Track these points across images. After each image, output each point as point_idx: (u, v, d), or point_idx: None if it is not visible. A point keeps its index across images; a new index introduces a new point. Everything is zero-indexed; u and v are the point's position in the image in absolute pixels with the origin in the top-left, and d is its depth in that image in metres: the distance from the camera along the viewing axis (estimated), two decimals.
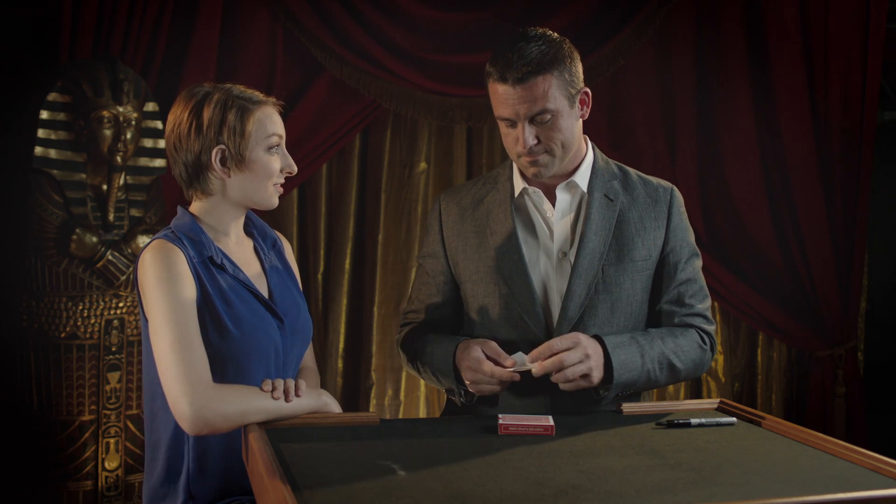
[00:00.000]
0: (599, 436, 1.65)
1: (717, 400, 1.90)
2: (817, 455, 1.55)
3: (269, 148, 1.79)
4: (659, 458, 1.51)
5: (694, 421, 1.74)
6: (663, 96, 3.88)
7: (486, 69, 1.85)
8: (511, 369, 1.79)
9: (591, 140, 2.02)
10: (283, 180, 1.84)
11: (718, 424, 1.74)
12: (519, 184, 1.97)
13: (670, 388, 3.94)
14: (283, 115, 1.85)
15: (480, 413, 1.97)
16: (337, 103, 3.63)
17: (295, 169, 1.85)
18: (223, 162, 1.77)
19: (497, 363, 1.81)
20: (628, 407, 1.83)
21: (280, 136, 1.82)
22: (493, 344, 1.83)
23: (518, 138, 1.85)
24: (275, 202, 1.84)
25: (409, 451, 1.53)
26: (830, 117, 3.82)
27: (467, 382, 1.86)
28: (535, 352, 1.79)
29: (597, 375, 1.80)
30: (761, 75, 3.86)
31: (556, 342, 1.78)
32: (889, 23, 3.83)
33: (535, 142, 1.84)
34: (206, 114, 1.76)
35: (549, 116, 1.82)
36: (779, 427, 1.71)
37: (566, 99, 1.84)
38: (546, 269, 1.93)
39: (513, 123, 1.85)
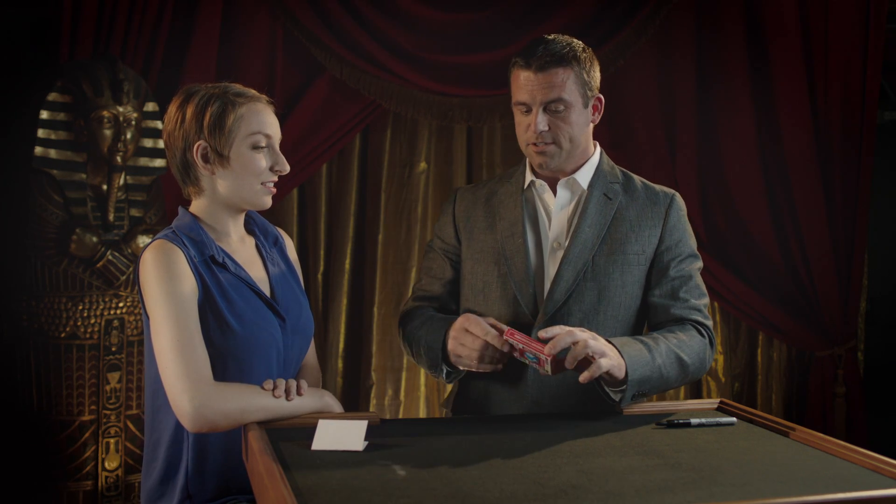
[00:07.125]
0: (599, 436, 1.65)
1: (717, 400, 1.90)
2: (817, 455, 1.55)
3: (254, 145, 1.77)
4: (659, 458, 1.51)
5: (694, 421, 1.74)
6: (663, 96, 3.88)
7: (512, 60, 1.99)
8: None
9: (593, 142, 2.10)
10: (273, 179, 1.81)
11: (718, 424, 1.75)
12: (528, 177, 2.06)
13: None
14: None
15: (482, 412, 1.99)
16: (337, 103, 3.63)
17: (286, 168, 1.81)
18: (205, 158, 1.77)
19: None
20: (628, 407, 1.83)
21: (267, 135, 1.78)
22: (491, 319, 1.86)
23: (530, 124, 1.95)
24: (265, 202, 1.82)
25: (409, 451, 1.54)
26: (830, 117, 3.82)
27: (452, 354, 1.88)
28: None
29: (612, 357, 1.74)
30: (761, 75, 3.86)
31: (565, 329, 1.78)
32: (889, 23, 3.82)
33: (546, 129, 1.94)
34: (190, 110, 1.76)
35: (562, 106, 1.94)
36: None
37: (581, 97, 1.97)
38: (542, 255, 2.01)
39: (528, 109, 1.96)
